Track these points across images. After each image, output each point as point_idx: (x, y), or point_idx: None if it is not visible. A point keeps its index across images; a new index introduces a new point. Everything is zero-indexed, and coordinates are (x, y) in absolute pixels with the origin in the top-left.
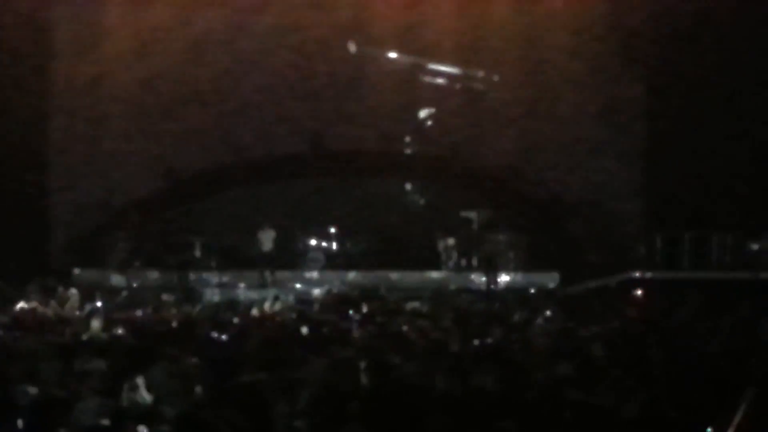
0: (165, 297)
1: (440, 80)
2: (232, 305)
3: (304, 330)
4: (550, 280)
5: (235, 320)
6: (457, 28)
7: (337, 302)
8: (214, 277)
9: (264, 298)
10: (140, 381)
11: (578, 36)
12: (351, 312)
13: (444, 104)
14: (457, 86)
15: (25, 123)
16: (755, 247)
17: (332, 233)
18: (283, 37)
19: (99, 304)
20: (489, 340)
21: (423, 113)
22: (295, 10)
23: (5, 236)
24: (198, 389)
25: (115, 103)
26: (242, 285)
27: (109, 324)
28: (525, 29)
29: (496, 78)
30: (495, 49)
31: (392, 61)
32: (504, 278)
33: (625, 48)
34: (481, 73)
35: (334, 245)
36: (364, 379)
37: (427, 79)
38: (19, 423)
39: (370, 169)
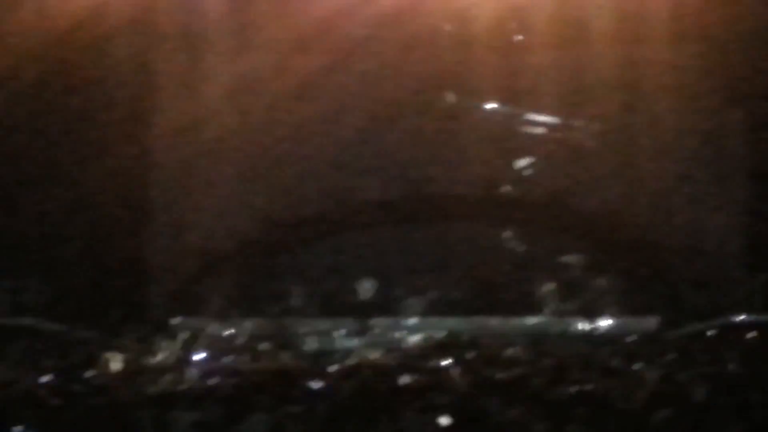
0: (263, 345)
1: (539, 130)
2: (331, 353)
3: (404, 378)
4: (651, 324)
5: (334, 368)
6: (555, 77)
7: (436, 349)
8: (312, 325)
9: (362, 345)
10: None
11: (678, 79)
12: (450, 359)
13: (543, 153)
14: (557, 135)
15: (123, 171)
16: None
17: (430, 279)
18: (382, 84)
19: (197, 352)
20: (589, 387)
21: (522, 162)
22: (393, 58)
23: (104, 285)
24: None
25: (215, 149)
26: (341, 332)
27: (206, 373)
28: (623, 75)
29: (595, 125)
30: (594, 96)
31: (490, 111)
32: (604, 323)
33: (728, 88)
34: (580, 122)
35: (432, 291)
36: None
37: (526, 128)
38: None
39: (469, 215)
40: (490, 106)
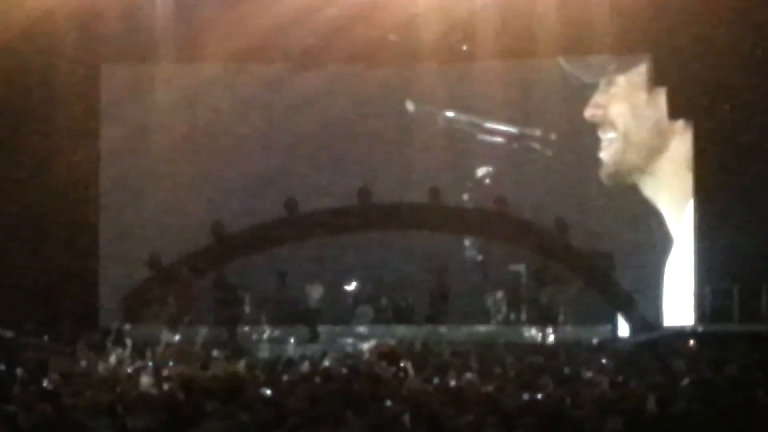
0: (215, 353)
1: (491, 139)
2: (283, 361)
3: (354, 385)
4: (600, 333)
5: (285, 376)
6: (511, 88)
7: (387, 357)
8: (263, 333)
9: (313, 353)
10: None
11: (627, 92)
12: (400, 366)
13: (495, 162)
14: (508, 145)
15: (74, 180)
16: None
17: (381, 287)
18: (338, 93)
19: (149, 360)
20: (539, 395)
21: (473, 171)
22: (349, 66)
23: (56, 294)
24: None
25: (164, 158)
26: (291, 340)
27: (158, 380)
28: (577, 88)
29: (547, 136)
30: (544, 108)
31: (442, 120)
32: (553, 331)
33: (674, 102)
34: (532, 132)
35: (383, 300)
36: None
37: (478, 138)
38: None
39: (420, 224)
40: (442, 115)
